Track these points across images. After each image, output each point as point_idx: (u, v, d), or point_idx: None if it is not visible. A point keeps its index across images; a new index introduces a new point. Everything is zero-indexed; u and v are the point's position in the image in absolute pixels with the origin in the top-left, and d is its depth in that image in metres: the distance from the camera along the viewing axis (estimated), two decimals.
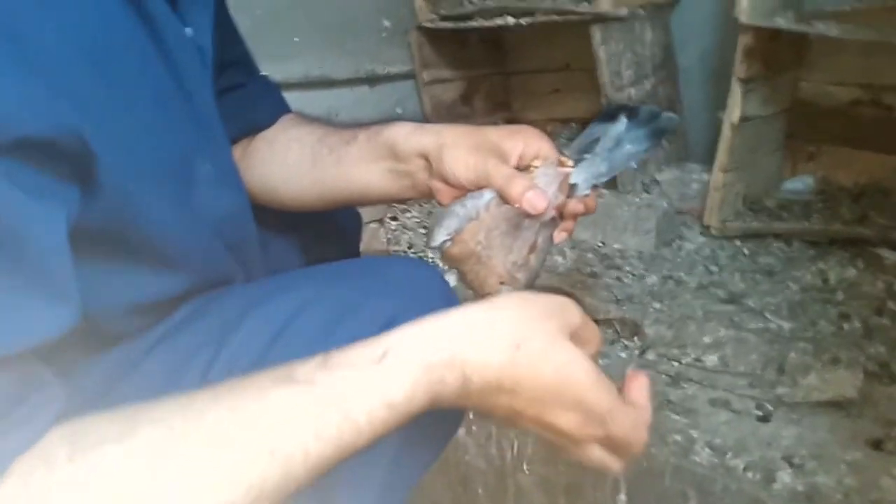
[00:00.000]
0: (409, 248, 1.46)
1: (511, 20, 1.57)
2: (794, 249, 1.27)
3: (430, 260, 1.24)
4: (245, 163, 0.72)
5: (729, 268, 1.23)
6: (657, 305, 1.10)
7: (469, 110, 1.93)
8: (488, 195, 0.58)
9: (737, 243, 1.32)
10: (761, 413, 0.85)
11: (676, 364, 0.97)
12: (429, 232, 0.60)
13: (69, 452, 0.35)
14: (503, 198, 0.57)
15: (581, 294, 1.16)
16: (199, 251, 0.53)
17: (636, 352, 1.02)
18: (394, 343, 0.42)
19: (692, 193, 1.46)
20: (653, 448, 0.81)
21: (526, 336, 0.43)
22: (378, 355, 0.41)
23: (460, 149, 0.59)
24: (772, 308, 1.06)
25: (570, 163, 0.59)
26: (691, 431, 0.83)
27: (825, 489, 0.72)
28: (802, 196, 1.45)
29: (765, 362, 0.93)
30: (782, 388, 0.89)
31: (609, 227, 1.37)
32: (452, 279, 0.60)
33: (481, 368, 0.42)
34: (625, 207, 1.36)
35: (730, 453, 0.79)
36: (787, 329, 1.00)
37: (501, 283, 0.58)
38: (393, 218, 1.58)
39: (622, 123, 0.60)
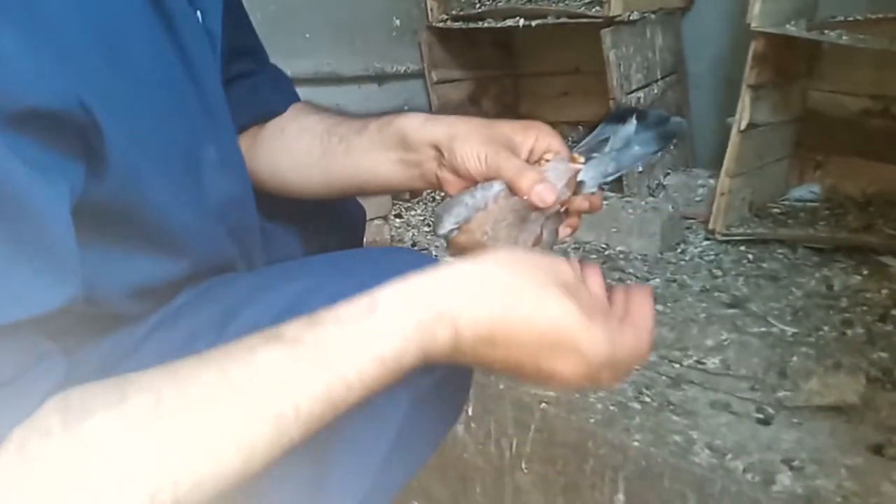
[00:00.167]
0: (413, 246, 1.46)
1: (522, 22, 1.58)
2: (799, 256, 1.27)
3: (434, 254, 1.24)
4: (255, 150, 0.72)
5: (733, 272, 1.22)
6: (660, 308, 1.10)
7: (477, 111, 1.94)
8: (497, 186, 0.58)
9: (741, 248, 1.32)
10: (762, 416, 0.85)
11: (678, 366, 0.97)
12: (436, 219, 0.60)
13: (62, 422, 0.35)
14: (512, 189, 0.57)
15: None
16: (202, 236, 0.53)
17: None
18: (382, 298, 0.42)
19: (698, 198, 1.46)
20: (652, 448, 0.81)
21: (515, 287, 0.43)
22: (365, 311, 0.41)
23: (472, 141, 0.60)
24: (775, 313, 1.06)
25: (582, 160, 0.59)
26: (691, 433, 0.82)
27: (824, 493, 0.71)
28: (809, 204, 1.45)
29: (766, 366, 0.93)
30: (783, 392, 0.88)
31: (614, 230, 1.37)
32: None
33: (472, 322, 0.42)
34: (630, 211, 1.36)
35: (729, 455, 0.78)
36: (790, 334, 1.00)
37: None
38: (397, 215, 1.59)
39: (632, 125, 0.60)
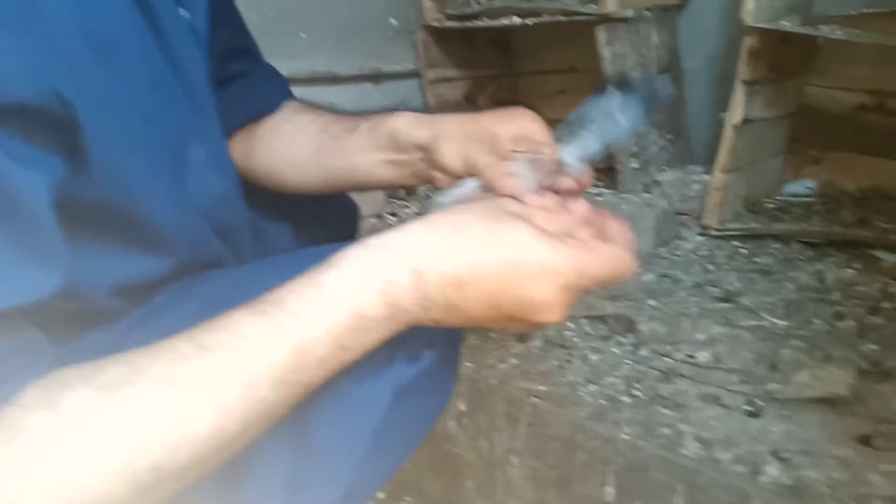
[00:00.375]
0: None
1: (517, 20, 1.58)
2: (793, 250, 1.27)
3: None
4: (251, 149, 0.74)
5: (726, 267, 1.22)
6: (652, 303, 1.10)
7: (473, 110, 1.92)
8: (472, 183, 0.59)
9: (735, 244, 1.32)
10: (751, 408, 0.85)
11: (669, 360, 0.97)
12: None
13: (43, 397, 0.35)
14: (486, 186, 0.58)
15: None
16: (188, 233, 0.54)
17: (630, 348, 1.01)
18: (340, 256, 0.42)
19: (693, 194, 1.46)
20: (641, 441, 0.81)
21: (468, 227, 0.44)
22: (324, 268, 0.42)
23: (453, 140, 0.61)
24: (767, 307, 1.06)
25: (549, 150, 0.59)
26: (680, 425, 0.82)
27: (812, 483, 0.71)
28: (804, 199, 1.45)
29: (757, 359, 0.93)
30: (774, 385, 0.88)
31: None
32: None
33: (429, 261, 0.42)
34: (624, 207, 1.36)
35: (718, 447, 0.78)
36: (781, 327, 1.00)
37: None
38: (392, 213, 1.59)
39: (614, 96, 0.60)
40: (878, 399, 0.83)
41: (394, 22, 1.75)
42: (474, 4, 1.73)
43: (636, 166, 1.49)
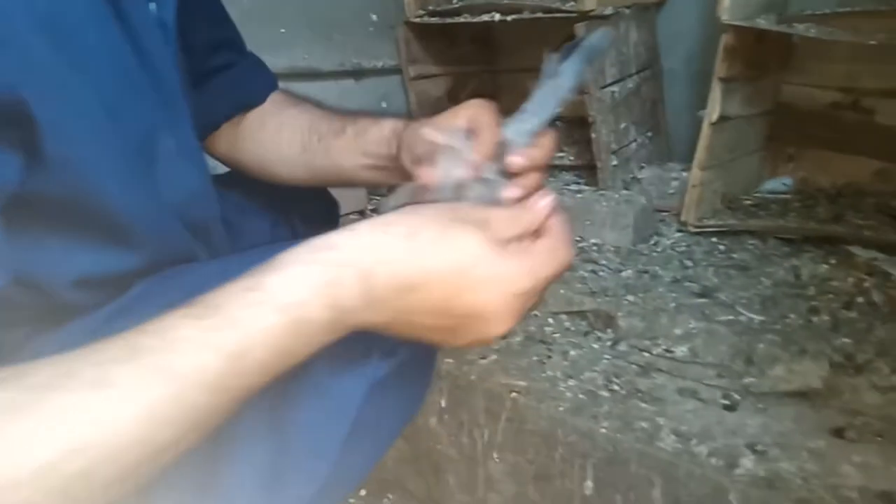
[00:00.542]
0: None
1: (498, 17, 1.58)
2: (769, 246, 1.29)
3: None
4: (238, 142, 0.75)
5: (703, 263, 1.24)
6: (631, 298, 1.11)
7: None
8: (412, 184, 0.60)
9: (713, 240, 1.33)
10: (728, 402, 0.86)
11: (647, 355, 0.98)
12: None
13: None
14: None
15: (556, 285, 1.16)
16: (157, 228, 0.53)
17: (609, 343, 1.02)
18: (283, 256, 0.41)
19: (671, 191, 1.47)
20: (619, 435, 0.81)
21: (419, 227, 0.43)
22: (265, 268, 0.40)
23: (413, 143, 0.62)
24: (743, 302, 1.07)
25: (489, 133, 0.58)
26: (658, 419, 0.83)
27: (786, 475, 0.72)
28: (781, 196, 1.47)
29: (733, 353, 0.94)
30: (749, 379, 0.89)
31: (588, 223, 1.38)
32: None
33: (378, 264, 0.41)
34: (603, 203, 1.37)
35: (694, 440, 0.79)
36: (757, 322, 1.01)
37: None
38: (374, 210, 1.59)
39: (552, 60, 0.60)
40: (852, 392, 0.85)
41: (374, 17, 1.75)
42: (455, 1, 1.73)
43: (616, 163, 1.50)
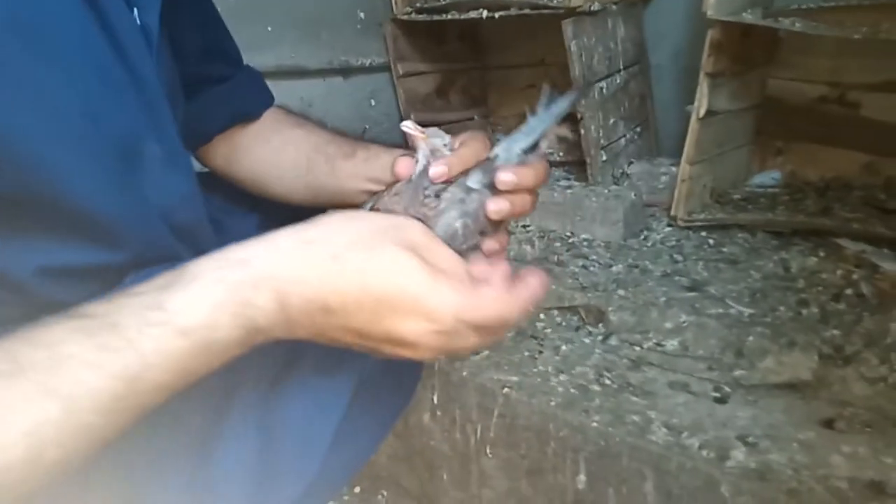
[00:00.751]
0: None
1: (485, 14, 1.58)
2: (759, 240, 1.29)
3: None
4: (235, 155, 0.74)
5: (693, 257, 1.24)
6: (621, 293, 1.11)
7: (444, 104, 1.94)
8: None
9: (702, 234, 1.34)
10: (718, 395, 0.86)
11: (638, 349, 0.98)
12: None
13: None
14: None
15: (548, 282, 1.16)
16: (139, 229, 0.52)
17: (600, 337, 1.02)
18: (189, 268, 0.39)
19: (661, 186, 1.48)
20: (610, 428, 0.81)
21: (343, 247, 0.41)
22: (167, 279, 0.39)
23: None
24: (733, 295, 1.08)
25: (436, 139, 0.59)
26: (649, 412, 0.84)
27: (776, 466, 0.73)
28: (770, 190, 1.48)
29: (724, 346, 0.95)
30: (740, 371, 0.90)
31: (578, 218, 1.38)
32: None
33: (296, 285, 0.40)
34: (593, 199, 1.37)
35: (686, 433, 0.79)
36: (747, 315, 1.02)
37: None
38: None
39: (546, 93, 0.62)
40: (841, 383, 0.85)
41: (361, 15, 1.74)
42: None
43: (605, 159, 1.50)
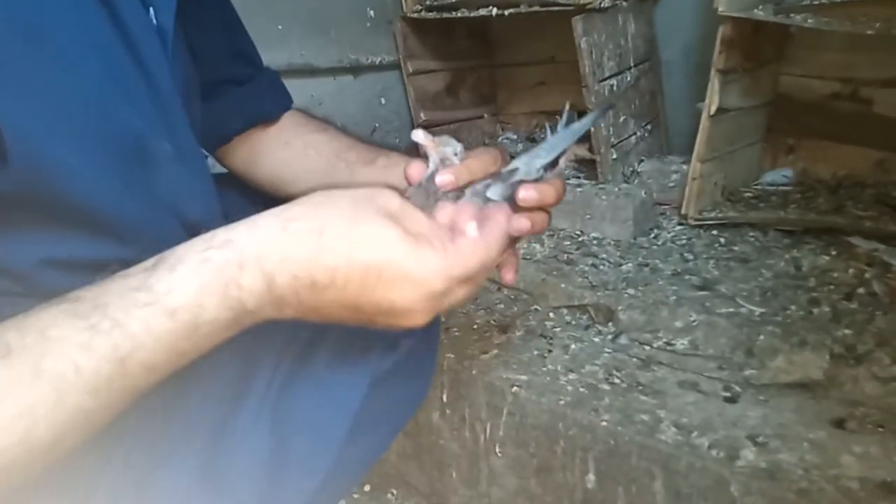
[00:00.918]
0: None
1: (495, 11, 1.58)
2: (770, 238, 1.28)
3: None
4: (255, 157, 0.75)
5: (704, 256, 1.24)
6: (631, 291, 1.11)
7: (454, 102, 1.94)
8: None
9: (713, 232, 1.33)
10: (728, 394, 0.86)
11: (648, 348, 0.98)
12: None
13: None
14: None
15: (557, 280, 1.16)
16: (149, 224, 0.53)
17: (609, 336, 1.02)
18: (175, 251, 0.40)
19: (672, 184, 1.47)
20: (620, 428, 0.81)
21: (326, 222, 0.41)
22: (154, 262, 0.39)
23: None
24: (744, 294, 1.07)
25: (448, 147, 0.59)
26: (658, 412, 0.83)
27: (787, 466, 0.72)
28: (781, 188, 1.47)
29: (734, 345, 0.94)
30: (750, 371, 0.89)
31: (587, 217, 1.38)
32: None
33: (282, 263, 0.40)
34: (604, 197, 1.37)
35: (695, 432, 0.79)
36: (758, 314, 1.01)
37: None
38: None
39: (566, 113, 0.63)
40: (852, 383, 0.85)
41: (371, 13, 1.74)
42: None
43: (615, 157, 1.50)
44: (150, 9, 0.54)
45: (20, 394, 0.34)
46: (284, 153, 0.74)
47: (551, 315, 1.10)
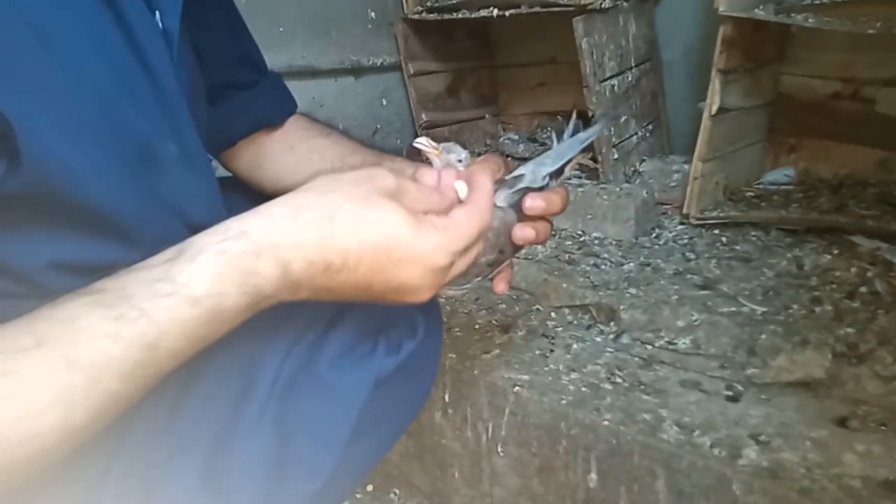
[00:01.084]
0: None
1: (496, 12, 1.58)
2: (772, 238, 1.28)
3: None
4: (259, 160, 0.76)
5: (706, 255, 1.24)
6: (633, 291, 1.11)
7: (455, 103, 1.94)
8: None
9: (715, 232, 1.33)
10: (731, 393, 0.86)
11: (650, 347, 0.98)
12: None
13: None
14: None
15: (559, 280, 1.16)
16: (154, 227, 0.53)
17: (611, 336, 1.02)
18: (193, 242, 0.41)
19: (673, 184, 1.48)
20: (622, 427, 0.81)
21: (335, 207, 0.43)
22: (174, 253, 0.41)
23: None
24: (746, 293, 1.07)
25: (453, 154, 0.60)
26: (660, 411, 0.83)
27: (789, 465, 0.72)
28: (783, 187, 1.47)
29: (736, 345, 0.94)
30: (752, 370, 0.89)
31: (589, 217, 1.38)
32: None
33: (296, 249, 0.42)
34: (605, 197, 1.37)
35: (697, 431, 0.79)
36: (760, 313, 1.01)
37: None
38: None
39: (572, 122, 0.64)
40: (854, 381, 0.85)
41: (372, 14, 1.75)
42: None
43: (617, 157, 1.50)
44: (156, 12, 0.54)
45: (56, 381, 0.35)
46: (288, 157, 0.75)
47: (553, 315, 1.10)
